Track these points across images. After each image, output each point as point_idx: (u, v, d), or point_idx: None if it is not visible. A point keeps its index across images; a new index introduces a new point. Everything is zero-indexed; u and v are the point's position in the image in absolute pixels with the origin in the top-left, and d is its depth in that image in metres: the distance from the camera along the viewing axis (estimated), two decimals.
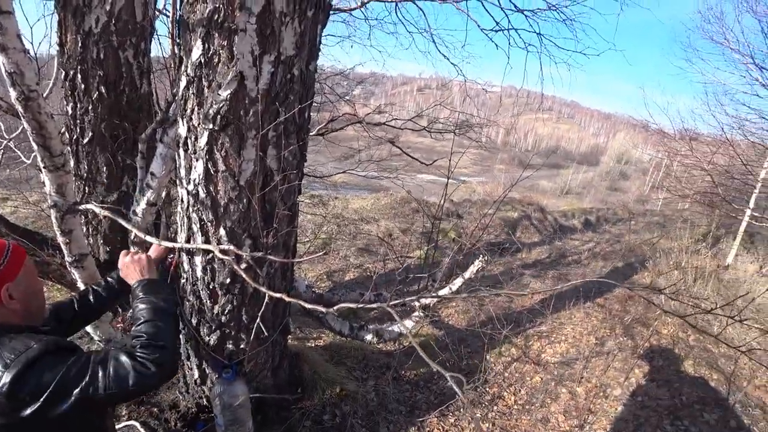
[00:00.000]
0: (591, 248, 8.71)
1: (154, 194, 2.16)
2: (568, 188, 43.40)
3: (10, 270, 1.09)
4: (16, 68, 1.61)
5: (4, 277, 1.07)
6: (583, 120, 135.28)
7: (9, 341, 1.00)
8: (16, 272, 1.11)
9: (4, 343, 1.00)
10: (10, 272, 1.09)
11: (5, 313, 1.07)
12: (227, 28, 1.25)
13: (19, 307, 1.09)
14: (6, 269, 1.08)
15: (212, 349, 1.79)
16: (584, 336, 4.42)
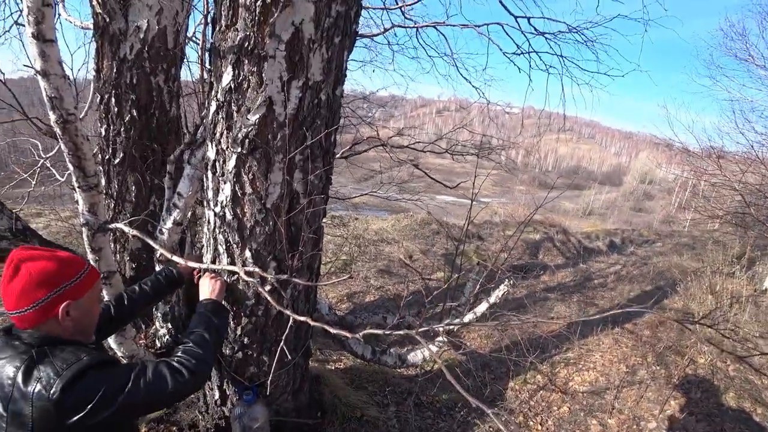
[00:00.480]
0: (617, 271, 8.43)
1: (180, 214, 2.20)
2: (591, 209, 42.51)
3: (78, 289, 1.12)
4: (56, 93, 1.69)
5: (70, 294, 1.10)
6: (604, 140, 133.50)
7: (60, 352, 1.03)
8: (84, 293, 1.14)
9: (56, 353, 1.03)
10: (78, 291, 1.12)
11: (56, 328, 1.09)
12: (257, 54, 1.28)
13: (71, 326, 1.11)
14: (75, 287, 1.11)
15: (234, 370, 1.78)
16: (614, 364, 4.23)
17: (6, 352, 1.03)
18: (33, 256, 1.08)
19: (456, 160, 4.29)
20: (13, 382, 0.96)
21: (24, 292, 1.05)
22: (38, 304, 1.05)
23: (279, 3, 1.23)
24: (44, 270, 1.07)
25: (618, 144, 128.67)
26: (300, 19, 1.27)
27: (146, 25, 2.64)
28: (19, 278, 1.05)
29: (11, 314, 1.06)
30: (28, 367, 0.97)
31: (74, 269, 1.12)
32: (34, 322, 1.06)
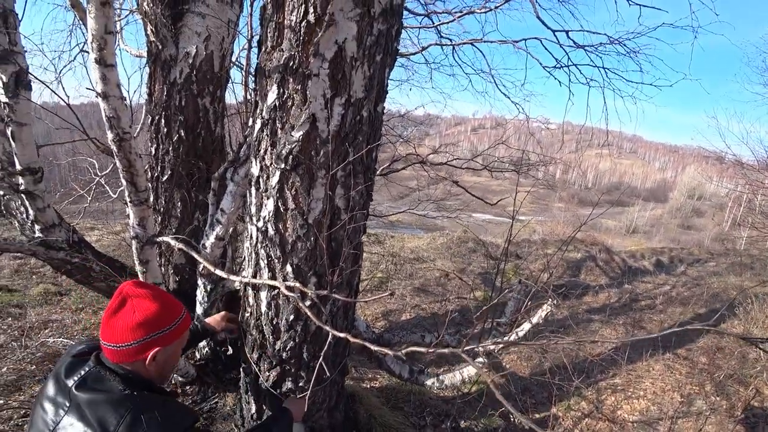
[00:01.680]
0: (666, 292, 7.93)
1: (222, 229, 2.27)
2: (635, 226, 40.49)
3: (170, 336, 1.16)
4: (114, 113, 1.80)
5: (162, 341, 1.13)
6: (647, 154, 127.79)
7: (160, 408, 1.05)
8: (173, 341, 1.17)
9: (159, 410, 1.05)
10: (170, 339, 1.16)
11: (141, 369, 1.12)
12: (301, 73, 1.32)
13: (154, 370, 1.14)
14: (168, 335, 1.15)
15: (271, 385, 1.78)
16: (666, 392, 3.94)
17: (102, 385, 1.05)
18: (140, 294, 1.11)
19: (495, 177, 4.21)
20: (115, 430, 0.98)
21: (124, 329, 1.08)
22: (132, 344, 1.09)
23: (323, 23, 1.26)
24: (147, 312, 1.10)
25: (662, 158, 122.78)
26: (343, 37, 1.30)
27: (195, 51, 2.77)
28: (123, 313, 1.09)
29: (106, 345, 1.10)
30: (132, 423, 0.99)
31: (172, 316, 1.16)
32: (125, 359, 1.09)
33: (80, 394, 1.02)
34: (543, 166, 4.66)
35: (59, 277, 5.71)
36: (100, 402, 1.01)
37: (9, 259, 6.19)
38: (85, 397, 1.01)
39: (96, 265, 2.96)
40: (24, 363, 3.32)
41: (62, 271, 2.86)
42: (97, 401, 1.01)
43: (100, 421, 0.98)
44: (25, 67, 2.32)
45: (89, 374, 1.06)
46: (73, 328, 4.22)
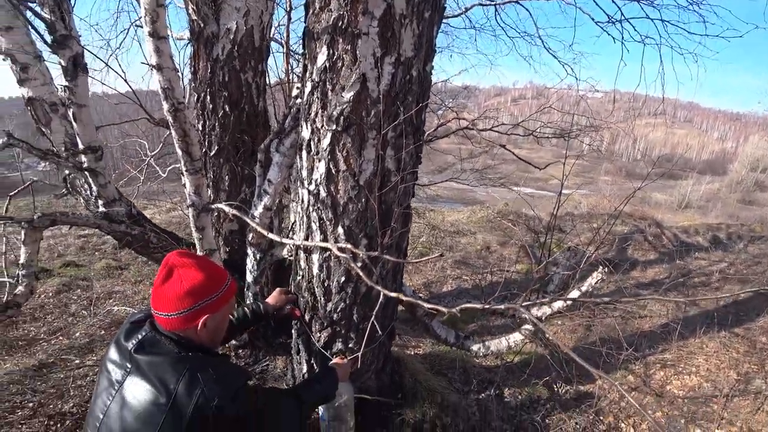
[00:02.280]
0: (723, 269, 7.46)
1: (270, 199, 2.34)
2: (688, 201, 38.07)
3: (218, 303, 1.20)
4: (168, 84, 1.87)
5: (210, 308, 1.17)
6: (704, 123, 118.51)
7: (215, 367, 1.13)
8: (221, 307, 1.22)
9: (214, 368, 1.11)
10: (218, 305, 1.20)
11: (193, 336, 1.18)
12: (350, 32, 1.31)
13: (205, 336, 1.19)
14: (216, 302, 1.19)
15: (322, 346, 1.85)
16: (722, 370, 3.75)
17: (159, 348, 1.12)
18: (186, 264, 1.15)
19: (538, 148, 4.04)
20: (175, 389, 1.04)
21: (173, 298, 1.13)
22: (183, 312, 1.13)
23: None
24: (194, 281, 1.14)
25: (722, 127, 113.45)
26: None
27: (235, 27, 2.80)
28: (170, 283, 1.14)
29: (158, 314, 1.15)
30: (190, 381, 1.05)
31: (219, 283, 1.20)
32: (176, 327, 1.14)
33: (139, 357, 1.09)
34: (592, 133, 4.41)
35: (119, 253, 6.15)
36: (159, 363, 1.08)
37: (74, 237, 6.72)
38: (144, 359, 1.09)
39: (153, 237, 3.15)
40: (94, 328, 3.64)
41: (124, 242, 3.07)
42: (156, 363, 1.08)
43: (161, 380, 1.05)
44: (81, 51, 2.45)
45: (145, 339, 1.13)
46: (133, 298, 4.56)
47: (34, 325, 3.79)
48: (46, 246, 6.31)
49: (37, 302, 4.21)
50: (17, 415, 2.26)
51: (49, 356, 3.03)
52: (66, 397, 2.43)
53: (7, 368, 2.85)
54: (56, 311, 4.11)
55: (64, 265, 5.50)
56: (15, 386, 2.53)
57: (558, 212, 2.57)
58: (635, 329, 4.50)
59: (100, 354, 3.12)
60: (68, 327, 3.73)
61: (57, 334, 3.59)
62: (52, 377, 2.67)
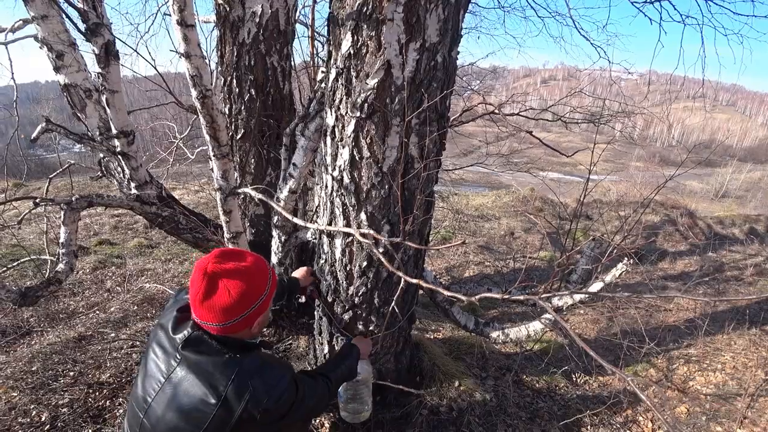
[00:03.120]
0: (758, 263, 7.15)
1: (295, 183, 2.38)
2: (726, 190, 36.31)
3: (267, 299, 1.21)
4: (196, 71, 1.90)
5: (262, 308, 1.18)
6: (749, 107, 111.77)
7: (262, 366, 1.16)
8: (270, 301, 1.23)
9: (262, 369, 1.15)
10: (267, 302, 1.21)
11: (246, 334, 1.20)
12: (375, 18, 1.30)
13: (256, 332, 1.23)
14: (266, 299, 1.20)
15: (343, 328, 1.90)
16: (749, 368, 3.64)
17: (206, 348, 1.13)
18: (228, 272, 1.12)
19: (566, 133, 3.93)
20: (225, 391, 1.07)
21: (222, 311, 1.11)
22: (236, 320, 1.13)
23: None
24: (242, 288, 1.12)
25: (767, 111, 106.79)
26: None
27: (260, 10, 2.80)
28: (217, 295, 1.10)
29: (207, 324, 1.13)
30: (240, 384, 1.09)
31: (264, 280, 1.19)
32: (230, 332, 1.15)
33: (187, 354, 1.12)
34: (624, 119, 4.23)
35: (150, 232, 6.40)
36: (208, 364, 1.11)
37: (108, 216, 7.02)
38: (193, 358, 1.11)
39: (183, 218, 3.26)
40: (128, 304, 3.83)
41: (155, 223, 3.19)
42: (205, 363, 1.11)
43: (210, 382, 1.08)
44: (112, 38, 2.52)
45: (192, 337, 1.14)
46: (164, 276, 4.75)
47: (74, 300, 4.02)
48: (82, 225, 6.64)
49: (76, 278, 4.46)
50: (59, 382, 2.42)
51: (87, 329, 3.21)
52: (103, 368, 2.59)
53: (50, 339, 3.05)
54: (93, 287, 4.34)
55: (99, 243, 5.78)
56: (57, 356, 2.71)
57: (585, 199, 2.51)
58: (659, 322, 4.41)
59: (133, 328, 3.29)
60: (104, 302, 3.95)
61: (94, 308, 3.80)
62: (90, 349, 2.84)
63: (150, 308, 3.82)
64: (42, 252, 3.92)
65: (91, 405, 2.26)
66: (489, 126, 4.02)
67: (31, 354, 2.72)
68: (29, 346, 3.05)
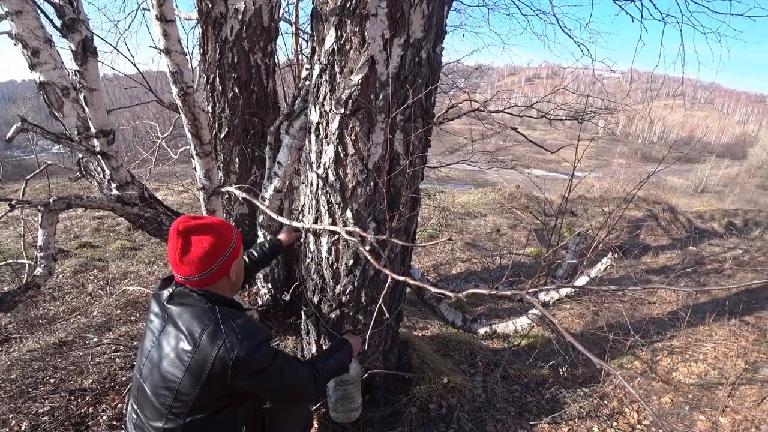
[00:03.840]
0: (737, 256, 7.34)
1: (280, 181, 2.35)
2: (705, 186, 37.27)
3: (237, 246, 1.31)
4: (177, 68, 1.87)
5: (234, 253, 1.28)
6: (726, 105, 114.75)
7: (237, 319, 1.21)
8: (240, 247, 1.33)
9: (235, 320, 1.20)
10: (238, 248, 1.31)
11: (225, 287, 1.30)
12: (359, 14, 1.28)
13: (235, 281, 1.32)
14: (236, 246, 1.30)
15: (331, 327, 1.88)
16: (729, 358, 3.74)
17: (188, 299, 1.22)
18: (198, 227, 1.24)
19: (551, 130, 3.97)
20: (200, 338, 1.14)
21: (200, 260, 1.21)
22: (214, 268, 1.23)
23: None
24: (212, 237, 1.24)
25: (744, 109, 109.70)
26: None
27: (243, 6, 2.77)
28: (194, 248, 1.22)
29: (187, 279, 1.23)
30: (214, 330, 1.15)
31: (230, 231, 1.30)
32: (209, 283, 1.25)
33: (171, 307, 1.21)
34: (608, 115, 4.29)
35: (133, 234, 6.28)
36: (187, 313, 1.18)
37: (89, 219, 6.86)
38: (175, 309, 1.20)
39: (166, 219, 3.20)
40: (110, 308, 3.74)
41: (137, 224, 3.12)
42: (185, 312, 1.19)
43: (189, 329, 1.16)
44: (90, 35, 2.45)
45: (176, 291, 1.24)
46: (148, 278, 4.66)
47: (54, 305, 3.91)
48: (62, 227, 6.47)
49: (56, 282, 4.35)
50: (40, 390, 2.36)
51: (68, 334, 3.13)
52: (85, 374, 2.52)
53: (29, 345, 2.96)
54: (74, 291, 4.23)
55: (80, 246, 5.64)
56: (37, 363, 2.64)
57: (570, 195, 2.54)
58: (644, 315, 4.49)
59: (117, 332, 3.22)
60: (86, 306, 3.85)
61: (75, 313, 3.71)
62: (71, 354, 2.77)
63: (134, 312, 3.74)
64: (19, 256, 3.80)
65: (73, 412, 2.20)
66: (474, 124, 4.04)
67: (10, 362, 2.64)
68: (8, 353, 2.96)
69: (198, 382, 1.13)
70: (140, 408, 1.22)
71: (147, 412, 1.19)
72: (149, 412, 1.19)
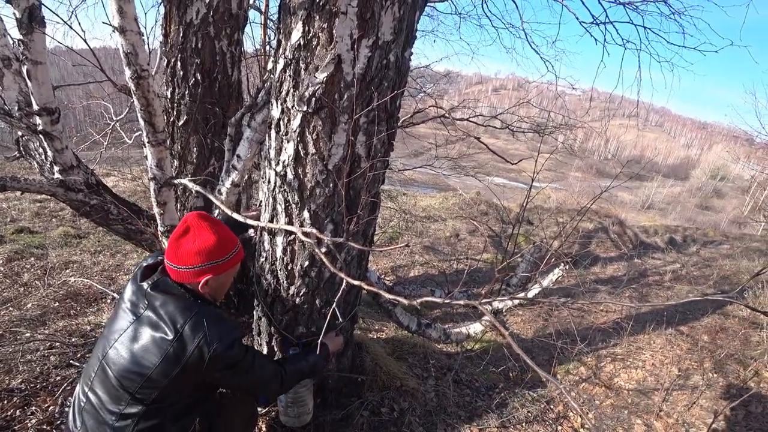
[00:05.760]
0: (675, 270, 7.88)
1: (238, 175, 2.27)
2: (651, 202, 39.78)
3: (223, 267, 1.30)
4: (132, 49, 1.75)
5: (214, 270, 1.28)
6: (673, 129, 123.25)
7: (217, 317, 1.25)
8: (224, 271, 1.31)
9: (217, 318, 1.24)
10: (222, 268, 1.30)
11: (196, 289, 1.30)
12: (329, 10, 1.25)
13: (206, 293, 1.31)
14: (221, 265, 1.29)
15: (283, 329, 1.83)
16: (665, 365, 3.99)
17: (172, 290, 1.25)
18: (202, 226, 1.26)
19: (513, 141, 4.09)
20: (182, 328, 1.17)
21: (184, 254, 1.25)
22: (189, 268, 1.26)
23: None
24: (205, 243, 1.25)
25: (689, 134, 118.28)
26: None
27: None
28: (185, 240, 1.25)
29: (169, 264, 1.27)
30: (197, 323, 1.19)
31: (226, 250, 1.30)
32: (182, 279, 1.27)
33: (154, 294, 1.22)
34: (566, 131, 4.49)
35: (78, 221, 5.87)
36: (172, 302, 1.21)
37: (30, 201, 6.35)
38: (159, 297, 1.22)
39: (114, 208, 3.01)
40: (47, 300, 3.47)
41: (81, 212, 2.92)
42: (169, 302, 1.21)
43: (171, 318, 1.18)
44: (37, 2, 2.26)
45: (160, 280, 1.26)
46: (92, 269, 4.37)
47: None
48: None
49: None
50: None
51: None
52: (14, 373, 2.32)
53: None
54: (6, 281, 3.90)
55: (17, 231, 5.20)
56: None
57: (527, 205, 2.62)
58: (590, 323, 4.71)
59: (53, 327, 2.99)
60: (19, 297, 3.55)
61: (7, 305, 3.41)
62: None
63: (74, 305, 3.49)
64: None
65: None
66: (440, 129, 4.09)
67: None
68: None
69: (172, 371, 1.15)
70: (94, 391, 1.20)
71: (104, 395, 1.19)
72: (107, 395, 1.18)
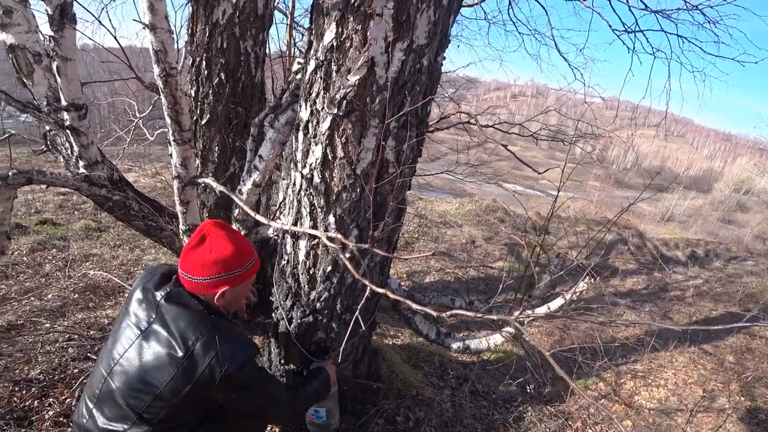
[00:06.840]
0: (698, 285, 7.63)
1: (260, 176, 2.26)
2: (671, 214, 38.85)
3: (239, 278, 1.25)
4: (161, 46, 1.76)
5: (230, 281, 1.23)
6: (696, 139, 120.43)
7: (231, 334, 1.18)
8: (242, 282, 1.27)
9: (231, 336, 1.18)
10: (238, 280, 1.25)
11: (211, 301, 1.24)
12: (363, 12, 1.23)
13: (221, 305, 1.26)
14: (238, 276, 1.24)
15: (303, 334, 1.81)
16: (689, 385, 3.85)
17: (186, 302, 1.19)
18: (218, 235, 1.21)
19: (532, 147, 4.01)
20: (193, 345, 1.11)
21: (199, 264, 1.19)
22: (205, 279, 1.20)
23: None
24: (221, 253, 1.20)
25: (712, 146, 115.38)
26: None
27: None
28: (201, 249, 1.20)
29: (183, 275, 1.22)
30: (208, 340, 1.12)
31: (243, 260, 1.25)
32: (197, 290, 1.21)
33: (167, 306, 1.17)
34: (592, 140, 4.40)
35: (99, 214, 5.98)
36: (184, 317, 1.15)
37: (53, 194, 6.49)
38: (172, 310, 1.16)
39: (135, 204, 3.04)
40: (68, 291, 3.52)
41: (104, 207, 2.95)
42: (181, 315, 1.15)
43: (182, 334, 1.12)
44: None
45: (174, 292, 1.20)
46: (111, 263, 4.43)
47: (5, 284, 3.66)
48: (22, 200, 6.10)
49: (10, 259, 4.07)
50: None
51: (18, 317, 2.92)
52: (33, 363, 2.34)
53: None
54: (29, 270, 3.97)
55: (40, 223, 5.32)
56: None
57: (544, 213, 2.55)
58: (610, 338, 4.59)
59: (72, 319, 3.03)
60: (41, 288, 3.61)
61: (29, 294, 3.47)
62: (19, 341, 2.58)
63: (93, 297, 3.54)
64: None
65: (17, 405, 2.02)
66: (460, 134, 4.05)
67: None
68: None
69: (182, 390, 1.09)
70: (99, 408, 1.14)
71: (109, 413, 1.12)
72: (112, 413, 1.12)
